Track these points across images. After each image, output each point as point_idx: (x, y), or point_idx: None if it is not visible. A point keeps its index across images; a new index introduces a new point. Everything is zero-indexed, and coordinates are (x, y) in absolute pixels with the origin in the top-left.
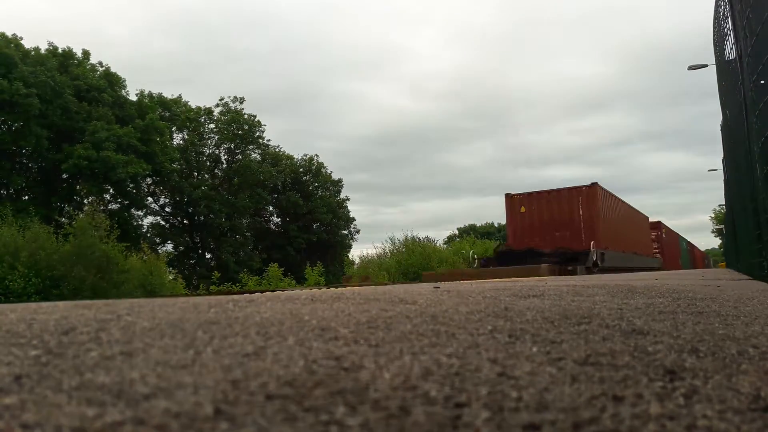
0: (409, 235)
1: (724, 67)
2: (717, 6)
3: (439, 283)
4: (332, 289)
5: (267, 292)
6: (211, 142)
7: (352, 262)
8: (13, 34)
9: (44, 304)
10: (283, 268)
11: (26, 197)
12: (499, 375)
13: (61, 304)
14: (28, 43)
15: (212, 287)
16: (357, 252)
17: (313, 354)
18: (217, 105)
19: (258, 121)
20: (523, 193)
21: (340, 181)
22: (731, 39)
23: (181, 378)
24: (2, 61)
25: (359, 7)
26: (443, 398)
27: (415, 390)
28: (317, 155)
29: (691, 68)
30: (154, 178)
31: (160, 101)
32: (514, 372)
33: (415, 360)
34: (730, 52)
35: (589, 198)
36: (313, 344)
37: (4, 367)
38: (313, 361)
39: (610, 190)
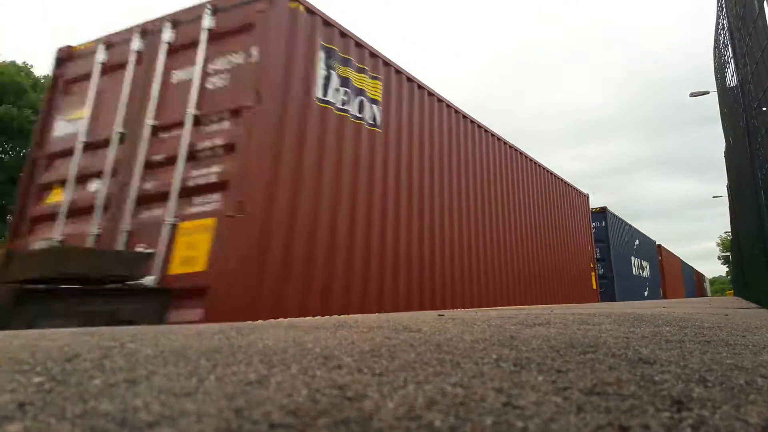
0: None
1: (725, 93)
2: (717, 34)
3: (443, 311)
4: (335, 316)
5: (270, 319)
6: None
7: None
8: (24, 62)
9: (48, 331)
10: None
11: None
12: (504, 404)
13: (65, 331)
14: (38, 72)
15: None
16: None
17: (317, 383)
18: None
19: None
20: None
21: None
22: (732, 66)
23: (184, 406)
24: (13, 88)
25: None
26: (447, 428)
27: (419, 420)
28: None
29: (692, 95)
30: None
31: None
32: (520, 401)
33: (419, 389)
34: (731, 79)
35: None
36: (317, 373)
37: (7, 395)
38: (317, 389)
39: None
